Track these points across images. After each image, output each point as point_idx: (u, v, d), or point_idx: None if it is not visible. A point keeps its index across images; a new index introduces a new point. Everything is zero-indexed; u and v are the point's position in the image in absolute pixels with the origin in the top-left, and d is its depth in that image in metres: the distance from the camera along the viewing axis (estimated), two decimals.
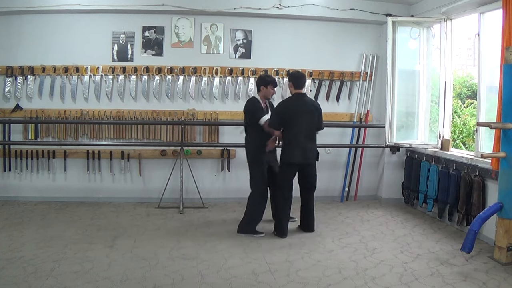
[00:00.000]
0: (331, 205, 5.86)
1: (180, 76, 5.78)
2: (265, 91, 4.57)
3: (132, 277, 3.41)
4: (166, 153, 5.79)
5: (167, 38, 5.78)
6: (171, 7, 5.56)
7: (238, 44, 5.89)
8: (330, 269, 3.67)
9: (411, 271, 3.63)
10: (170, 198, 5.64)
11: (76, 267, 3.55)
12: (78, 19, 5.63)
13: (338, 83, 6.07)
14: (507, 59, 3.80)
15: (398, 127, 5.65)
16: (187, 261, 3.77)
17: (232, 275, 3.51)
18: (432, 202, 5.14)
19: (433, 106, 5.61)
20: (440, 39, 5.24)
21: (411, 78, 5.74)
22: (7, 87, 5.58)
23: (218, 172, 5.94)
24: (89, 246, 4.05)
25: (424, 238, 4.51)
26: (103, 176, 5.82)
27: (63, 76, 5.66)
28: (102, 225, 4.77)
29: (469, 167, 4.57)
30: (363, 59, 6.07)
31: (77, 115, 5.65)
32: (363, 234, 4.64)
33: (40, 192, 5.71)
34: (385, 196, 6.07)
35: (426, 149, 5.37)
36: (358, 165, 6.17)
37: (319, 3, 5.75)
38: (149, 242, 4.24)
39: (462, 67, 8.49)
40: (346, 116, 6.09)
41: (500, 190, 3.86)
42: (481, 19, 4.64)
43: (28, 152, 5.64)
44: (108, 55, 5.72)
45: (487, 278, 3.50)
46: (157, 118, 5.72)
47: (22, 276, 3.35)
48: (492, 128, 4.02)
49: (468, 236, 3.80)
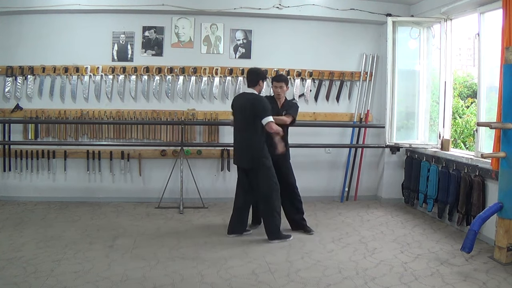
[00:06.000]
0: (331, 205, 5.86)
1: (180, 76, 5.78)
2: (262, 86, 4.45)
3: (132, 277, 3.41)
4: (166, 153, 5.79)
5: (167, 38, 5.78)
6: (171, 7, 5.56)
7: (238, 44, 5.89)
8: (330, 269, 3.67)
9: (411, 271, 3.63)
10: (170, 198, 5.65)
11: (76, 267, 3.55)
12: (78, 19, 5.62)
13: (338, 83, 6.06)
14: (507, 59, 3.79)
15: (398, 127, 5.65)
16: (187, 261, 3.78)
17: (232, 275, 3.51)
18: (432, 202, 5.14)
19: (434, 106, 5.61)
20: (440, 39, 5.24)
21: (411, 78, 5.74)
22: (7, 87, 5.58)
23: (218, 172, 5.93)
24: (89, 246, 4.05)
25: (424, 238, 4.51)
26: (103, 176, 5.82)
27: (63, 76, 5.66)
28: (102, 225, 4.77)
29: (469, 167, 4.57)
30: (363, 59, 6.07)
31: (77, 115, 5.65)
32: (363, 234, 4.64)
33: (40, 192, 5.71)
34: (385, 196, 6.07)
35: (426, 149, 5.37)
36: (358, 165, 6.17)
37: (319, 3, 5.75)
38: (149, 242, 4.24)
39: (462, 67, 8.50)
40: (346, 116, 6.09)
41: (500, 190, 3.86)
42: (481, 19, 4.64)
43: (28, 152, 5.64)
44: (108, 55, 5.72)
45: (487, 278, 3.50)
46: (157, 118, 5.72)
47: (22, 276, 3.35)
48: (492, 128, 4.02)
49: (468, 236, 3.80)
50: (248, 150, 4.32)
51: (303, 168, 5.85)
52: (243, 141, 4.35)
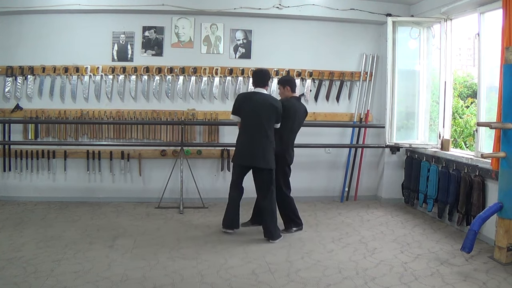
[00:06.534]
0: (331, 205, 5.86)
1: (180, 76, 5.77)
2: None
3: (132, 277, 3.41)
4: (166, 153, 5.79)
5: (167, 38, 5.78)
6: (171, 7, 5.55)
7: (238, 44, 5.89)
8: (330, 269, 3.67)
9: (411, 271, 3.63)
10: (170, 198, 5.65)
11: (76, 267, 3.55)
12: (78, 19, 5.62)
13: (338, 83, 6.06)
14: (507, 59, 3.80)
15: (398, 127, 5.65)
16: (187, 261, 3.78)
17: (232, 275, 3.51)
18: (432, 202, 5.14)
19: (434, 106, 5.61)
20: (440, 39, 5.24)
21: (411, 78, 5.74)
22: (7, 87, 5.58)
23: (218, 172, 5.93)
24: (89, 246, 4.05)
25: (424, 238, 4.51)
26: (103, 176, 5.82)
27: (63, 76, 5.66)
28: (102, 225, 4.77)
29: (469, 167, 4.57)
30: (363, 59, 6.07)
31: (77, 115, 5.65)
32: (363, 234, 4.64)
33: (40, 192, 5.71)
34: (385, 196, 6.07)
35: (426, 149, 5.37)
36: (358, 165, 6.17)
37: (319, 3, 5.75)
38: (149, 242, 4.24)
39: (462, 67, 8.49)
40: (346, 116, 6.09)
41: (500, 190, 3.87)
42: (481, 19, 4.64)
43: (28, 152, 5.64)
44: (108, 55, 5.72)
45: (487, 278, 3.50)
46: (157, 118, 5.72)
47: (22, 276, 3.35)
48: (492, 128, 4.02)
49: (468, 236, 3.80)
50: (265, 150, 4.32)
51: (303, 168, 5.85)
52: (259, 140, 4.32)
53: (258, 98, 4.39)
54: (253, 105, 4.36)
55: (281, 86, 4.67)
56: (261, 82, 4.47)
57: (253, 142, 4.34)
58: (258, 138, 4.32)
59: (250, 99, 4.44)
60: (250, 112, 4.37)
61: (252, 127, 4.36)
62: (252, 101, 4.38)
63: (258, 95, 4.41)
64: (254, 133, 4.35)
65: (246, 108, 4.39)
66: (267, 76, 4.51)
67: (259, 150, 4.32)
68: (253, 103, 4.37)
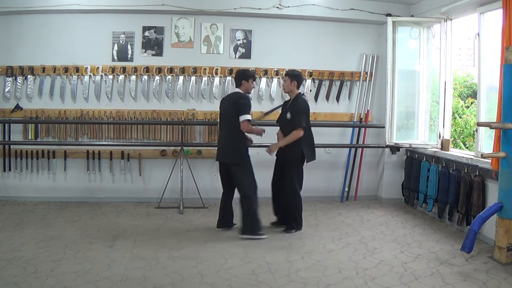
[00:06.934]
0: (331, 205, 5.86)
1: (180, 76, 5.78)
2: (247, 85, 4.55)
3: (132, 277, 3.41)
4: (166, 153, 5.79)
5: (167, 38, 5.78)
6: (171, 7, 5.56)
7: (238, 44, 5.89)
8: (330, 269, 3.67)
9: (411, 271, 3.63)
10: (170, 198, 5.65)
11: (76, 267, 3.55)
12: (78, 19, 5.62)
13: (338, 83, 6.06)
14: (507, 59, 3.80)
15: (398, 127, 5.65)
16: (187, 261, 3.78)
17: (232, 275, 3.51)
18: (432, 202, 5.14)
19: (434, 106, 5.61)
20: (440, 39, 5.24)
21: (411, 78, 5.74)
22: (7, 87, 5.58)
23: (218, 172, 5.92)
24: (89, 246, 4.05)
25: (424, 238, 4.51)
26: (103, 176, 5.82)
27: (63, 76, 5.66)
28: (102, 225, 4.77)
29: (469, 167, 4.57)
30: (363, 59, 6.07)
31: (77, 115, 5.65)
32: (363, 234, 4.64)
33: (40, 192, 5.71)
34: (385, 196, 6.07)
35: (426, 149, 5.37)
36: (358, 165, 6.17)
37: (319, 3, 5.75)
38: (149, 242, 4.24)
39: (462, 67, 8.49)
40: (346, 116, 6.09)
41: (500, 190, 3.87)
42: (481, 19, 4.64)
43: (28, 152, 5.64)
44: (108, 55, 5.72)
45: (487, 278, 3.50)
46: (157, 118, 5.72)
47: (22, 276, 3.35)
48: (492, 128, 4.02)
49: (468, 236, 3.80)
50: (229, 146, 4.46)
51: (303, 168, 5.84)
52: (225, 138, 4.48)
53: (226, 97, 4.67)
54: (223, 105, 4.59)
55: (288, 78, 4.64)
56: (236, 82, 4.61)
57: (222, 139, 4.58)
58: (225, 135, 4.50)
59: (223, 100, 4.68)
60: (221, 112, 4.63)
61: (222, 125, 4.59)
62: (223, 102, 4.64)
63: (228, 95, 4.70)
64: (223, 131, 4.54)
65: (220, 109, 4.66)
66: (241, 76, 4.56)
67: (225, 146, 4.52)
68: (223, 103, 4.61)
